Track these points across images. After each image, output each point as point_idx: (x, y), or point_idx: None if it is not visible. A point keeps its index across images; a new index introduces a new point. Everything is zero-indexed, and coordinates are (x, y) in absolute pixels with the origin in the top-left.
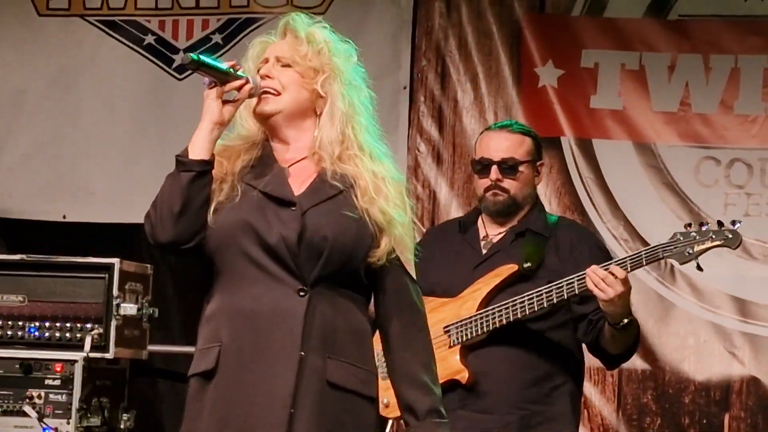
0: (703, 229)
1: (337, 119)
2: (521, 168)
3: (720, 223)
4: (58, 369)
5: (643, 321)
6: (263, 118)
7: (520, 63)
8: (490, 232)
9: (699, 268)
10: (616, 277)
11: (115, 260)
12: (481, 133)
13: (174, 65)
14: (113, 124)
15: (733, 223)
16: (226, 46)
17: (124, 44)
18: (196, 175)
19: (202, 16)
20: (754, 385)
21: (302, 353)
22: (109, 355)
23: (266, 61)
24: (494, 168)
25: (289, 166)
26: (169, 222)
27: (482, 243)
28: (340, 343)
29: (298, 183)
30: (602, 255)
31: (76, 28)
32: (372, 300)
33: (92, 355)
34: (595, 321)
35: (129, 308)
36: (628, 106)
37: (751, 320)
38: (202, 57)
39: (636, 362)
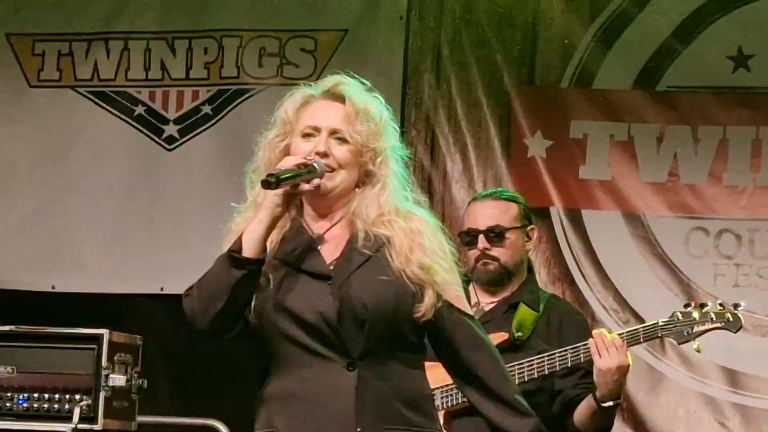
0: (704, 310)
1: (383, 195)
2: (508, 235)
3: (722, 305)
4: None
5: (634, 392)
6: (312, 194)
7: (510, 134)
8: (482, 300)
9: (697, 350)
10: (617, 348)
11: (104, 331)
12: (469, 203)
13: (164, 136)
14: (103, 195)
15: (736, 306)
16: (215, 117)
17: (115, 115)
18: (247, 273)
19: (192, 87)
20: None
21: (359, 429)
22: (97, 427)
23: (317, 129)
24: (481, 237)
25: (323, 233)
26: (211, 314)
27: (473, 311)
28: (396, 411)
29: (331, 251)
30: (586, 336)
31: (66, 99)
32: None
33: (81, 426)
34: (572, 396)
35: (118, 379)
36: (617, 177)
37: (742, 391)
38: (279, 175)
39: None
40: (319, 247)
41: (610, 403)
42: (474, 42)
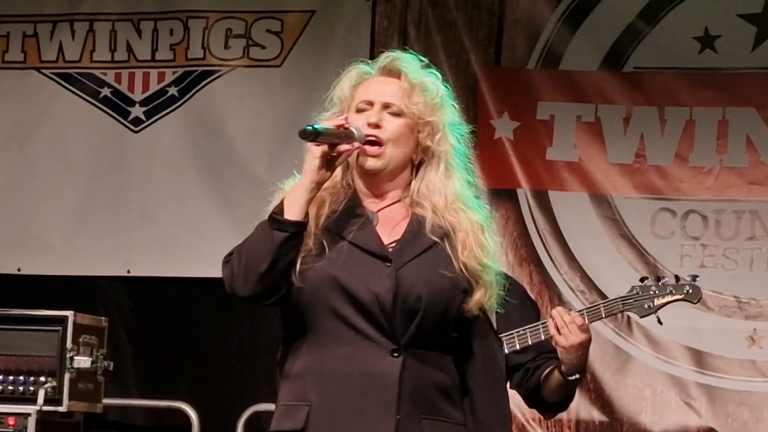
0: (661, 282)
1: (450, 181)
2: None
3: (677, 277)
4: (11, 423)
5: (601, 373)
6: (365, 174)
7: (477, 115)
8: None
9: (659, 321)
10: (578, 325)
11: (69, 313)
12: None
13: (130, 117)
14: (68, 177)
15: (694, 278)
16: (181, 99)
17: (80, 97)
18: (289, 236)
19: (158, 69)
20: None
21: (399, 417)
22: (62, 409)
23: (370, 104)
24: None
25: (378, 211)
26: (252, 279)
27: None
28: (432, 401)
29: (388, 230)
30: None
31: (31, 80)
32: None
33: (46, 408)
34: (533, 369)
35: (83, 361)
36: (584, 158)
37: (708, 371)
38: (317, 127)
39: (593, 414)
40: (375, 225)
41: (577, 376)
42: (440, 23)
